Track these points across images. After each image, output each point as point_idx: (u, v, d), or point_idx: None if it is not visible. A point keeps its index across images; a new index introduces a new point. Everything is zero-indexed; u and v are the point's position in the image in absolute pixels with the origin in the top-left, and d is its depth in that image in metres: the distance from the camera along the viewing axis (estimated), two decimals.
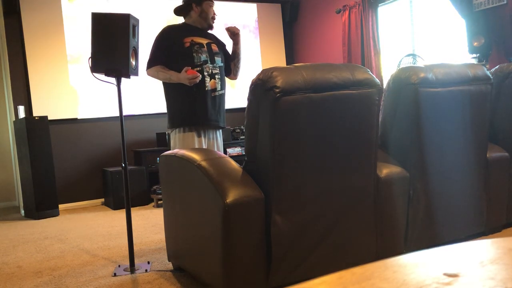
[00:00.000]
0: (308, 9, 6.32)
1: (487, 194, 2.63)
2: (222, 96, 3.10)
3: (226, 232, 1.82)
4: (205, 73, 3.05)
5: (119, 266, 2.66)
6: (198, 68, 3.02)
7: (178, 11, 3.13)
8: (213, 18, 3.13)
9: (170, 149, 2.83)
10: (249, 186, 1.89)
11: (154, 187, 4.81)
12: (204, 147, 2.98)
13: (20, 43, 4.89)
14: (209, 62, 3.08)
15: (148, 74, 3.01)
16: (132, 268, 2.55)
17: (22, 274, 2.69)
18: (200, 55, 3.05)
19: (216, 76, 3.08)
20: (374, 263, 0.51)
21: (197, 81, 2.86)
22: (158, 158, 3.84)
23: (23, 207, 4.83)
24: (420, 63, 4.24)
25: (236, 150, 5.37)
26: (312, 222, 1.97)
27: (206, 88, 3.02)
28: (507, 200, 2.76)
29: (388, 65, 5.22)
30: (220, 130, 3.16)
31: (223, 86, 3.10)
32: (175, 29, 3.10)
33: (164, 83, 3.03)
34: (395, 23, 5.18)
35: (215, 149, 3.04)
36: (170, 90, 3.02)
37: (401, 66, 4.13)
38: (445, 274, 0.47)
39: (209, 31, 3.16)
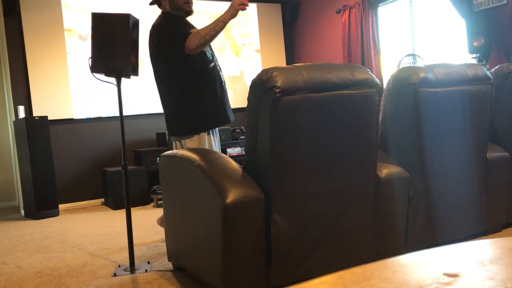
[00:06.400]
0: (308, 9, 6.32)
1: (487, 194, 2.63)
2: None
3: (226, 232, 1.82)
4: (218, 67, 2.82)
5: (119, 266, 2.66)
6: (212, 64, 2.76)
7: (153, 2, 2.82)
8: (187, 3, 2.74)
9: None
10: (249, 186, 1.89)
11: (154, 187, 4.81)
12: (215, 148, 2.83)
13: (20, 43, 4.89)
14: (214, 56, 2.85)
15: (192, 43, 2.57)
16: (132, 268, 2.55)
17: (22, 274, 2.69)
18: (208, 49, 2.79)
19: (221, 68, 2.86)
20: (374, 263, 0.51)
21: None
22: (158, 158, 3.84)
23: (23, 207, 4.83)
24: (420, 63, 4.24)
25: (236, 150, 5.37)
26: (312, 222, 1.97)
27: (223, 84, 2.82)
28: (507, 200, 2.76)
29: (388, 65, 5.22)
30: None
31: None
32: (179, 21, 2.75)
33: (171, 85, 2.73)
34: (395, 23, 5.18)
35: (218, 145, 2.86)
36: (188, 90, 2.70)
37: (401, 66, 4.13)
38: (445, 274, 0.47)
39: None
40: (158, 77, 2.80)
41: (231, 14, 2.60)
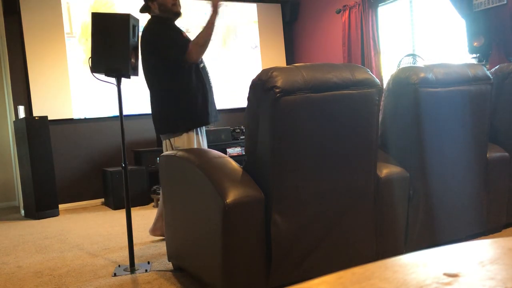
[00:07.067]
0: (308, 9, 6.32)
1: (487, 194, 2.63)
2: None
3: (226, 232, 1.82)
4: (206, 69, 2.94)
5: (119, 266, 2.66)
6: (202, 65, 2.89)
7: (142, 10, 2.94)
8: (175, 4, 2.85)
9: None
10: (249, 186, 1.89)
11: (154, 187, 4.81)
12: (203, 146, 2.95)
13: (20, 43, 4.89)
14: (202, 58, 2.96)
15: (194, 55, 2.69)
16: (132, 268, 2.55)
17: (22, 274, 2.69)
18: None
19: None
20: (374, 263, 0.51)
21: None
22: (158, 158, 3.84)
23: (23, 207, 4.83)
24: (420, 63, 4.24)
25: (236, 150, 5.37)
26: (312, 222, 1.97)
27: (211, 84, 2.94)
28: (507, 200, 2.76)
29: (388, 65, 5.22)
30: None
31: None
32: (170, 26, 2.87)
33: (163, 84, 2.83)
34: (395, 23, 5.18)
35: (206, 144, 3.01)
36: (179, 89, 2.79)
37: (401, 66, 4.13)
38: (445, 274, 0.47)
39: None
40: (149, 77, 2.90)
41: (216, 14, 2.72)
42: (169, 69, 2.78)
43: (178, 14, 2.89)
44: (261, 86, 1.83)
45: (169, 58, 2.77)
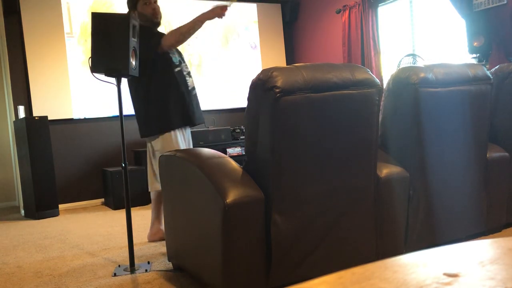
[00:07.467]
0: (308, 9, 6.32)
1: (487, 194, 2.63)
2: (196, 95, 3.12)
3: (226, 232, 1.82)
4: (185, 73, 3.02)
5: (119, 266, 2.66)
6: (178, 68, 2.96)
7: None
8: (155, 14, 2.94)
9: (152, 155, 2.97)
10: (249, 186, 1.89)
11: None
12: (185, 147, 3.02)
13: (20, 43, 4.89)
14: (182, 62, 3.05)
15: (171, 39, 2.77)
16: (132, 268, 2.55)
17: (22, 274, 2.69)
18: (174, 55, 3.00)
19: (191, 74, 3.07)
20: (374, 263, 0.51)
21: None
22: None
23: (23, 207, 4.83)
24: (420, 63, 4.24)
25: (236, 150, 5.37)
26: (312, 222, 1.97)
27: (189, 88, 3.01)
28: (507, 200, 2.76)
29: (388, 65, 5.22)
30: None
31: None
32: (150, 28, 2.95)
33: (139, 90, 2.93)
34: (395, 23, 5.18)
35: (191, 145, 3.13)
36: (152, 93, 2.91)
37: (401, 66, 4.13)
38: (445, 274, 0.47)
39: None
40: (130, 83, 3.00)
41: (210, 17, 2.79)
42: (144, 76, 2.87)
43: (157, 24, 2.99)
44: (261, 86, 1.83)
45: (144, 49, 2.76)
